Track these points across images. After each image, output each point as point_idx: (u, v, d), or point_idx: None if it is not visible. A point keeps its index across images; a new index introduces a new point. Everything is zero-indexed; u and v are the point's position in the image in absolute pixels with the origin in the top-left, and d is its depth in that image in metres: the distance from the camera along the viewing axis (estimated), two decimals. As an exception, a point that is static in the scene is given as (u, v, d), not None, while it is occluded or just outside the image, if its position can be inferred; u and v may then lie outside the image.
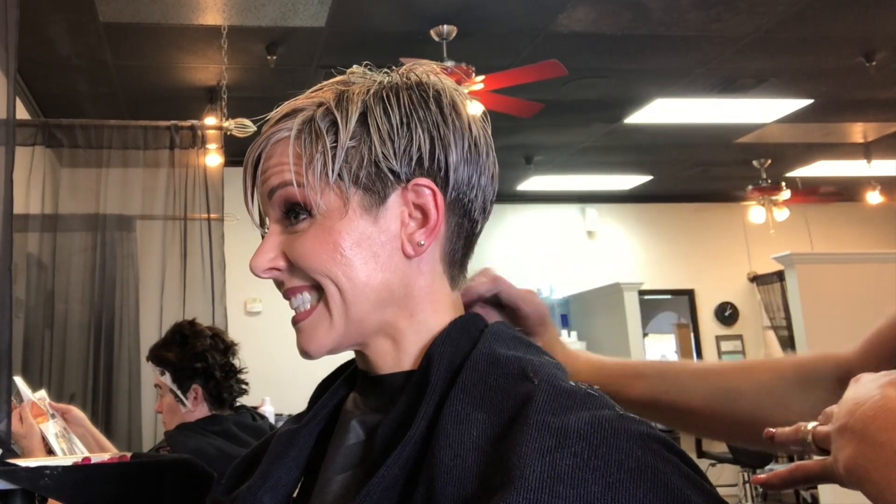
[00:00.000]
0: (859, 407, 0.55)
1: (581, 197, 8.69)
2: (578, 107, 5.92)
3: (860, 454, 0.53)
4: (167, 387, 2.16)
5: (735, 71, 5.41)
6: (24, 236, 3.59)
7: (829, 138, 7.07)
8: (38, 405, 1.71)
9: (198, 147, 3.83)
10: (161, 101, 5.57)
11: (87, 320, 3.70)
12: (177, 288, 3.70)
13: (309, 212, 0.70)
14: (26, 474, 1.03)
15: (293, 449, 0.75)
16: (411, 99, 0.71)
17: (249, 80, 5.31)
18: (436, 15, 4.48)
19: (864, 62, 5.25)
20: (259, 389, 2.73)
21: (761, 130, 6.58)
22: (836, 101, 6.11)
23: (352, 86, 0.72)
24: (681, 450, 0.59)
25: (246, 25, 4.51)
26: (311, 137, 0.70)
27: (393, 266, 0.70)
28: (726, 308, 8.93)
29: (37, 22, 4.26)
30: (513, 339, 0.70)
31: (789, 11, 4.54)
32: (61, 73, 5.07)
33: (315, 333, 0.71)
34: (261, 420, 2.28)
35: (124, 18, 4.37)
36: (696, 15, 4.54)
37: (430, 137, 0.70)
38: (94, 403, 3.60)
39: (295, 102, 0.73)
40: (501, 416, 0.60)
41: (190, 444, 1.97)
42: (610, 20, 4.58)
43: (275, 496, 0.72)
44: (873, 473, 0.51)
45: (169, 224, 3.78)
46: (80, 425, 1.85)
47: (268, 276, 0.72)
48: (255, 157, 0.73)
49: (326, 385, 0.81)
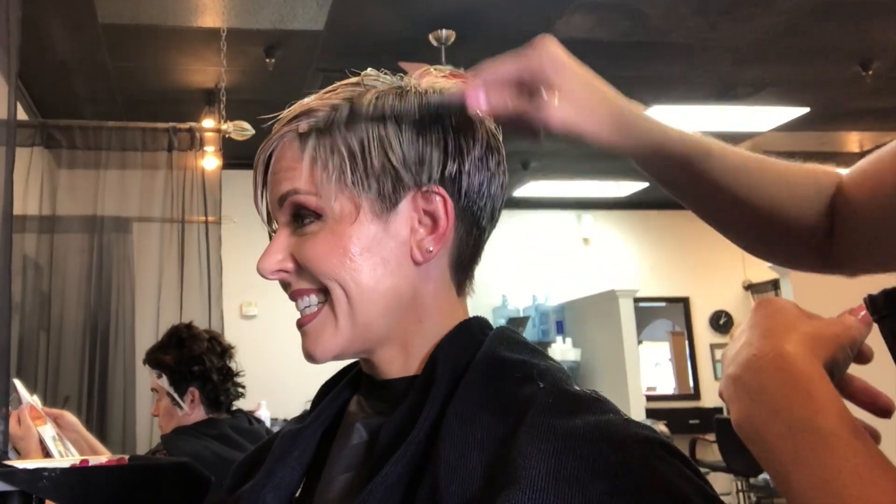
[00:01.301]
0: (754, 359, 0.50)
1: (577, 203, 8.69)
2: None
3: (748, 410, 0.48)
4: (164, 390, 2.16)
5: (732, 79, 5.43)
6: (21, 237, 3.58)
7: (826, 147, 7.09)
8: (35, 408, 1.71)
9: (196, 149, 3.83)
10: (159, 103, 5.56)
11: (83, 323, 3.69)
12: (174, 291, 3.69)
13: (319, 215, 0.69)
14: (24, 476, 1.03)
15: (296, 449, 0.75)
16: (425, 105, 0.70)
17: (248, 83, 5.31)
18: (434, 19, 4.49)
19: (861, 71, 5.27)
20: (254, 393, 2.73)
21: (758, 138, 6.60)
22: (832, 110, 6.13)
23: (366, 89, 0.72)
24: (683, 454, 0.59)
25: (245, 28, 4.52)
26: (325, 141, 0.69)
27: (401, 272, 0.70)
28: (721, 316, 8.94)
29: (36, 23, 4.25)
30: (517, 342, 0.71)
31: (787, 21, 4.56)
32: (60, 74, 5.07)
33: (320, 337, 0.70)
34: (257, 424, 2.28)
35: (123, 20, 4.37)
36: (694, 23, 4.56)
37: (443, 144, 0.70)
38: (89, 407, 3.59)
39: (309, 103, 0.72)
40: (506, 418, 0.61)
41: (186, 448, 1.97)
42: (608, 27, 4.60)
43: (277, 495, 0.72)
44: (762, 431, 0.47)
45: (166, 226, 3.78)
46: (73, 430, 1.85)
47: (275, 277, 0.72)
48: (265, 156, 0.73)
49: (330, 386, 0.81)
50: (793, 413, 0.46)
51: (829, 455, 0.44)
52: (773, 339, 0.52)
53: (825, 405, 0.46)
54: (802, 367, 0.49)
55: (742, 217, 0.82)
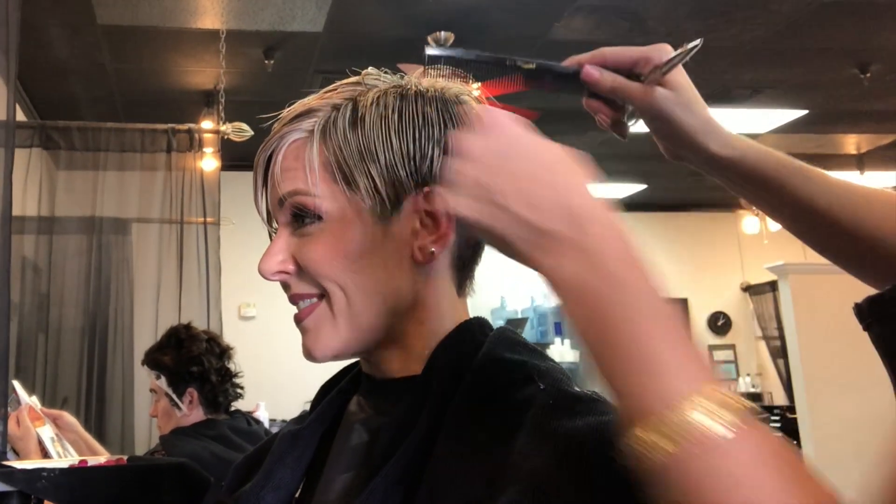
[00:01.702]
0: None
1: (576, 205, 8.70)
2: (573, 115, 5.92)
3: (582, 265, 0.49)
4: (163, 391, 2.16)
5: (730, 81, 5.43)
6: (20, 238, 3.58)
7: (823, 149, 7.10)
8: (34, 409, 1.71)
9: (195, 151, 3.83)
10: (158, 105, 5.56)
11: (82, 323, 3.69)
12: (172, 292, 3.69)
13: (319, 216, 0.68)
14: (23, 476, 1.03)
15: (296, 449, 0.75)
16: (427, 104, 0.70)
17: (247, 85, 5.31)
18: (433, 21, 4.49)
19: (859, 74, 5.28)
20: (252, 394, 2.73)
21: (756, 141, 6.61)
22: (830, 113, 6.14)
23: (367, 88, 0.71)
24: None
25: (244, 29, 4.52)
26: (327, 143, 0.69)
27: (402, 273, 0.69)
28: (719, 318, 8.94)
29: (34, 24, 4.25)
30: (518, 343, 0.70)
31: (785, 23, 4.57)
32: (59, 75, 5.06)
33: (320, 335, 0.69)
34: (256, 425, 2.28)
35: (122, 21, 4.37)
36: (691, 25, 4.56)
37: (444, 144, 0.69)
38: (88, 407, 3.59)
39: (309, 102, 0.71)
40: (507, 419, 0.60)
41: (185, 449, 1.97)
42: (606, 29, 4.60)
43: (277, 496, 0.72)
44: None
45: (165, 228, 3.78)
46: (72, 431, 1.85)
47: (276, 278, 0.71)
48: (265, 156, 0.72)
49: (330, 387, 0.81)
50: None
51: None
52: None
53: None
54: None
55: (846, 243, 0.82)
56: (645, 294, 0.48)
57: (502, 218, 0.51)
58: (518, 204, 0.50)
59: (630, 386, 0.45)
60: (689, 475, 0.42)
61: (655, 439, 0.43)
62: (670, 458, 0.42)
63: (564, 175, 0.51)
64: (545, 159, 0.52)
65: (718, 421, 0.42)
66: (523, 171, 0.51)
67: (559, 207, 0.50)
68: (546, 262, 0.50)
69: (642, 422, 0.44)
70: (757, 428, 0.43)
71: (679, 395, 0.43)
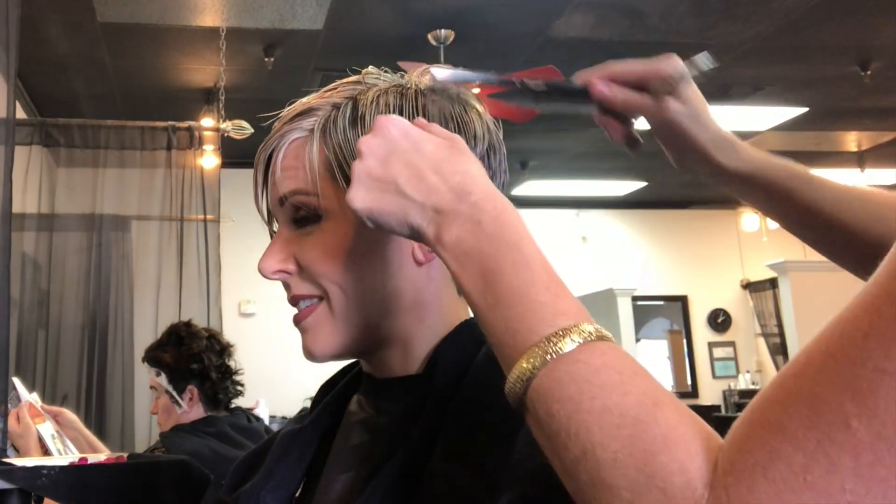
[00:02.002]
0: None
1: (575, 202, 8.70)
2: (573, 114, 5.92)
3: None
4: (163, 388, 2.16)
5: (731, 79, 5.43)
6: (20, 236, 3.59)
7: (823, 147, 7.10)
8: (35, 406, 1.71)
9: (195, 148, 3.83)
10: (158, 102, 5.56)
11: (82, 321, 3.70)
12: (172, 289, 3.69)
13: (320, 215, 0.68)
14: (23, 474, 1.03)
15: (296, 449, 0.75)
16: (427, 103, 0.70)
17: (247, 82, 5.31)
18: (433, 19, 4.49)
19: (860, 71, 5.28)
20: (253, 391, 2.73)
21: (757, 138, 6.60)
22: (830, 110, 6.14)
23: (367, 87, 0.71)
24: None
25: (244, 27, 4.51)
26: (327, 141, 0.68)
27: (403, 273, 0.69)
28: (719, 315, 8.95)
29: (35, 21, 4.25)
30: None
31: (785, 20, 4.56)
32: (59, 72, 5.06)
33: (319, 335, 0.69)
34: (256, 422, 2.28)
35: (122, 19, 4.37)
36: (692, 22, 4.56)
37: None
38: (88, 405, 3.59)
39: (309, 101, 0.71)
40: (507, 418, 0.59)
41: (185, 446, 1.97)
42: (607, 26, 4.60)
43: (278, 495, 0.72)
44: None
45: (165, 225, 3.78)
46: (73, 428, 1.85)
47: (276, 278, 0.70)
48: (266, 155, 0.71)
49: (330, 386, 0.81)
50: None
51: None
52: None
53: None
54: None
55: (849, 244, 0.83)
56: (517, 247, 0.54)
57: (404, 204, 0.57)
58: (414, 190, 0.57)
59: (513, 330, 0.51)
60: (550, 391, 0.47)
61: (526, 367, 0.48)
62: (536, 379, 0.47)
63: (446, 159, 0.58)
64: (428, 149, 0.59)
65: (572, 339, 0.48)
66: (413, 162, 0.58)
67: (446, 186, 0.57)
68: (444, 236, 0.56)
69: (520, 358, 0.49)
70: (605, 340, 0.48)
71: (550, 325, 0.49)
